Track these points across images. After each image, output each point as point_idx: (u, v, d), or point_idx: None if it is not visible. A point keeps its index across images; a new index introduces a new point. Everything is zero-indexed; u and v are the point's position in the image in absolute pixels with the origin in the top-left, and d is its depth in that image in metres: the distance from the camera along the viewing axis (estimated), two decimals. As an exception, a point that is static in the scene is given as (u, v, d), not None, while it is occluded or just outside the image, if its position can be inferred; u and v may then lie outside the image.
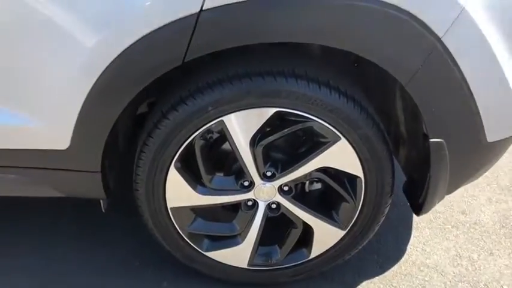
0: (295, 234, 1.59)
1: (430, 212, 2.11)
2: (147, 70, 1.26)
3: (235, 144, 1.40)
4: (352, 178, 1.47)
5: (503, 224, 2.08)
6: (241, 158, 1.42)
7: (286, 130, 1.40)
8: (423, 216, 2.08)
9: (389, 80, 1.56)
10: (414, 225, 2.05)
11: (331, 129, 1.37)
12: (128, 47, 1.22)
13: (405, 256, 1.89)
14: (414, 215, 2.09)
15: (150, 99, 1.67)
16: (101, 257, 1.80)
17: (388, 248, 1.91)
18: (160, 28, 1.20)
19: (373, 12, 1.19)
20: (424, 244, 1.95)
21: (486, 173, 2.38)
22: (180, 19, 1.19)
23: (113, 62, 1.24)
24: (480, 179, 2.34)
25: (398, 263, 1.85)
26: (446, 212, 2.13)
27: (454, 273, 1.82)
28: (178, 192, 1.47)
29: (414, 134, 1.55)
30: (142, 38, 1.21)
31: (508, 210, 2.17)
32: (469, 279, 1.80)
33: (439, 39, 1.23)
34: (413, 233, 2.01)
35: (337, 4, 1.20)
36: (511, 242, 1.99)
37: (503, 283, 1.79)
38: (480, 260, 1.89)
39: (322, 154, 1.42)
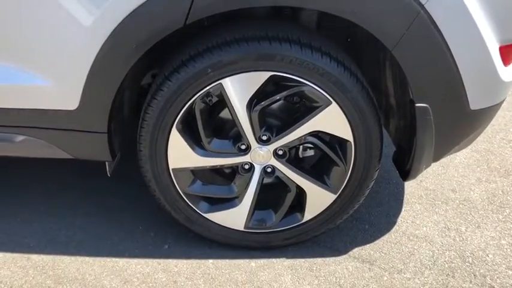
0: (289, 198, 1.67)
1: (420, 189, 2.21)
2: (151, 32, 1.36)
3: (232, 107, 1.49)
4: (342, 142, 1.56)
5: (491, 201, 2.16)
6: (239, 121, 1.52)
7: (280, 94, 1.50)
8: (414, 193, 2.17)
9: (380, 53, 1.67)
10: (405, 200, 2.13)
11: (322, 93, 1.46)
12: (132, 11, 1.33)
13: (395, 227, 1.97)
14: (405, 192, 2.18)
15: (154, 71, 1.77)
16: (106, 222, 1.89)
17: (379, 219, 1.99)
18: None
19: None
20: (414, 217, 2.03)
21: (477, 156, 2.48)
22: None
23: (119, 25, 1.35)
24: (471, 161, 2.44)
25: (389, 233, 1.93)
26: (437, 190, 2.21)
27: (442, 243, 1.90)
28: (179, 153, 1.56)
29: (402, 104, 1.64)
30: (147, 1, 1.31)
31: (497, 189, 2.25)
32: (456, 249, 1.87)
33: (422, 6, 1.32)
34: (404, 207, 2.09)
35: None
36: (498, 217, 2.07)
37: (488, 252, 1.87)
38: (468, 232, 1.97)
39: (314, 118, 1.51)
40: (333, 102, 1.48)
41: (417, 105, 1.47)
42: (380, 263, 1.77)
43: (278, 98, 1.51)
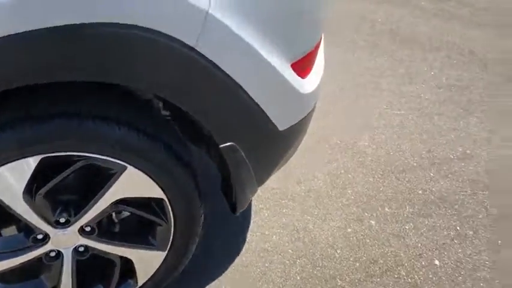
0: (116, 270, 1.48)
1: (266, 190, 2.15)
2: None
3: (6, 203, 1.22)
4: (158, 201, 1.39)
5: (334, 185, 2.18)
6: (21, 215, 1.25)
7: (64, 172, 1.26)
8: (261, 196, 2.11)
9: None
10: (253, 210, 2.06)
11: (111, 160, 1.25)
12: None
13: (246, 246, 1.89)
14: (252, 199, 2.11)
15: None
16: None
17: (230, 242, 1.90)
18: None
19: (121, 38, 1.06)
20: (263, 227, 1.97)
21: (316, 137, 2.47)
22: None
23: None
24: (311, 144, 2.43)
25: (239, 256, 1.85)
26: (283, 187, 2.17)
27: (292, 250, 1.87)
28: (-42, 270, 1.27)
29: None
30: None
31: (338, 169, 2.28)
32: (306, 253, 1.86)
33: (192, 49, 1.15)
34: (253, 218, 2.02)
35: (86, 34, 1.04)
36: (342, 202, 2.10)
37: (336, 247, 1.88)
38: (315, 229, 1.97)
39: (114, 186, 1.31)
40: (129, 166, 1.28)
41: (222, 146, 1.34)
42: (233, 298, 1.69)
43: (64, 175, 1.27)
